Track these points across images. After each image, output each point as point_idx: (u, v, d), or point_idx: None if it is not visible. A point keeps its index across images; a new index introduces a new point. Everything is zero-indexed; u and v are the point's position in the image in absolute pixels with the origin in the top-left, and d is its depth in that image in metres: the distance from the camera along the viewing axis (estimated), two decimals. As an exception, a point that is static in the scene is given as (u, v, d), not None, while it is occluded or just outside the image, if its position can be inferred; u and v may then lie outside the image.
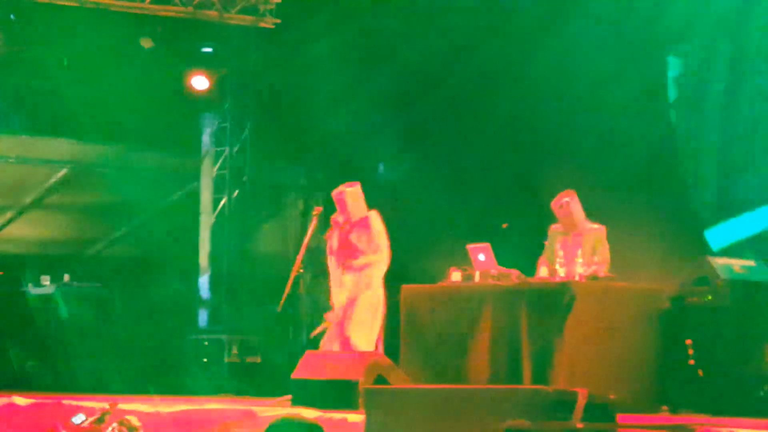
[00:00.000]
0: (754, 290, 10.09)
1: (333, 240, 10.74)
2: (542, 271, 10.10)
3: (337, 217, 10.78)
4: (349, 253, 10.59)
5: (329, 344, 10.50)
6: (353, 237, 10.61)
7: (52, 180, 15.95)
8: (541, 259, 10.31)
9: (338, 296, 10.60)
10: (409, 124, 14.97)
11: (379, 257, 10.52)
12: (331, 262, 10.78)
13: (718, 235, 12.58)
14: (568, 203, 10.25)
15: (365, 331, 10.35)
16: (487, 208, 13.24)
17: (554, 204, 10.34)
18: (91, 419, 6.17)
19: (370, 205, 10.80)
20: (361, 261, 10.55)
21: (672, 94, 13.40)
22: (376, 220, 10.62)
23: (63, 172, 15.88)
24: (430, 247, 12.62)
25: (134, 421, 6.20)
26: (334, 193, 10.89)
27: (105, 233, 17.20)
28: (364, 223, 10.62)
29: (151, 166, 16.29)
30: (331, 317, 10.61)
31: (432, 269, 11.16)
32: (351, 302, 10.43)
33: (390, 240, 10.66)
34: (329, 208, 15.51)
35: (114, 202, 16.53)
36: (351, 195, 10.73)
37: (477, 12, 13.93)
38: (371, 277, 10.47)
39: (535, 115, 13.54)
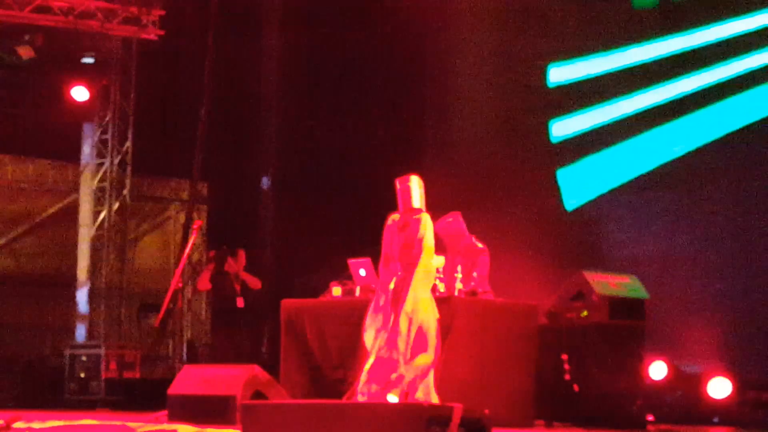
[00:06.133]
0: (629, 306, 10.27)
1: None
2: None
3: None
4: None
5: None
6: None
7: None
8: None
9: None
10: (294, 136, 14.96)
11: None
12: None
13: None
14: (450, 223, 10.17)
15: None
16: (369, 222, 13.27)
17: (437, 227, 10.14)
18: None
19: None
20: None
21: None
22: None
23: (-64, 183, 15.53)
24: (314, 262, 12.58)
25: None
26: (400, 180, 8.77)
27: (-20, 246, 16.84)
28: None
29: (29, 178, 16.00)
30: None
31: (316, 283, 11.12)
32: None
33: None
34: (210, 221, 15.46)
35: (-10, 214, 16.20)
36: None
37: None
38: None
39: (416, 134, 13.67)
